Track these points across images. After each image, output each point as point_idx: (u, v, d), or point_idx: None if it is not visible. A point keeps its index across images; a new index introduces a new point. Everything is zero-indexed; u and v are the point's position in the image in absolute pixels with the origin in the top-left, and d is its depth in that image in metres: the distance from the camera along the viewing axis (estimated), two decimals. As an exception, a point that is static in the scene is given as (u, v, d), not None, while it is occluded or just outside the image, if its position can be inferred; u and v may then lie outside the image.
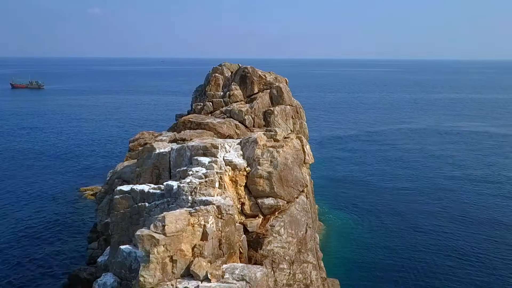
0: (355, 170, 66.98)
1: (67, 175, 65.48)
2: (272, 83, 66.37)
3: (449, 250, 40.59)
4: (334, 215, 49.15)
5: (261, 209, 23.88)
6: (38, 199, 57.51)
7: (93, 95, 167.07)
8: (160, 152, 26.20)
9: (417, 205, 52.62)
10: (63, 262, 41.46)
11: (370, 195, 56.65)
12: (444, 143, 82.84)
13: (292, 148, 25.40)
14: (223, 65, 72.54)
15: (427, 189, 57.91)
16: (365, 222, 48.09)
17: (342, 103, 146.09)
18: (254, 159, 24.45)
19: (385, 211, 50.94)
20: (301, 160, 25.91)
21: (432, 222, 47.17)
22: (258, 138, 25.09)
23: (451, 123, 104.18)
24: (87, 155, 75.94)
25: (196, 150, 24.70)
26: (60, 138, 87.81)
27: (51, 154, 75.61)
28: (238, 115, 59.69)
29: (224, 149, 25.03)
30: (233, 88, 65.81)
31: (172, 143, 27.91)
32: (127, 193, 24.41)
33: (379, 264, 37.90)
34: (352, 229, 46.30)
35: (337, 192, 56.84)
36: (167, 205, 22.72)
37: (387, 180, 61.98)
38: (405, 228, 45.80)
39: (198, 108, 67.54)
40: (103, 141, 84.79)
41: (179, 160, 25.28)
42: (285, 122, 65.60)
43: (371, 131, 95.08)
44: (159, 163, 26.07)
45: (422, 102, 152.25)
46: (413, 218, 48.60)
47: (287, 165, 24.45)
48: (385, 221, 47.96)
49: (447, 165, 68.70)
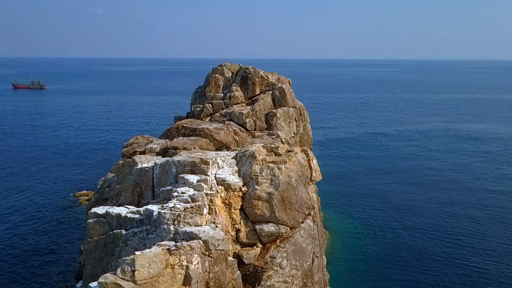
0: (360, 173, 62.85)
1: (64, 179, 61.55)
2: (275, 84, 62.05)
3: (461, 259, 36.61)
4: (340, 221, 44.94)
5: (259, 237, 19.71)
6: (31, 205, 53.63)
7: (95, 95, 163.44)
8: (143, 168, 22.05)
9: (426, 211, 48.55)
10: (52, 276, 37.50)
11: (376, 200, 52.59)
12: (453, 146, 78.54)
13: (297, 163, 21.12)
14: (224, 65, 68.22)
15: (436, 193, 53.94)
16: (372, 229, 44.14)
17: (346, 103, 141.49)
18: (251, 177, 20.25)
19: (392, 217, 46.92)
20: (307, 178, 21.64)
21: (442, 228, 43.18)
22: (257, 151, 20.82)
23: (460, 125, 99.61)
24: (86, 157, 72.06)
25: (183, 166, 20.55)
26: (60, 139, 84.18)
27: (48, 156, 71.86)
28: (238, 117, 55.45)
29: (216, 164, 20.82)
30: (233, 89, 61.54)
31: (157, 157, 23.70)
32: (101, 216, 20.28)
33: (387, 276, 33.95)
34: (358, 237, 42.38)
35: (342, 197, 52.71)
36: (146, 234, 18.55)
37: (394, 183, 57.94)
38: (414, 236, 41.88)
39: (197, 110, 63.32)
40: (104, 142, 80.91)
41: (163, 178, 21.16)
42: (288, 125, 61.30)
43: (377, 132, 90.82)
44: (141, 180, 21.96)
45: (428, 102, 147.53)
46: (421, 225, 44.65)
47: (291, 184, 20.22)
48: (393, 228, 44.06)
49: (456, 168, 64.54)
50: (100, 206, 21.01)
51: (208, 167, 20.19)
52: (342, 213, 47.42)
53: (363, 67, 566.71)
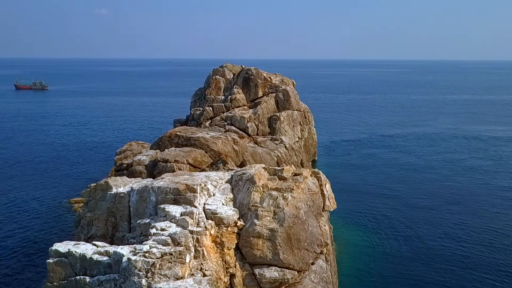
0: (368, 178, 58.24)
1: (59, 184, 57.12)
2: (278, 86, 57.69)
3: (472, 270, 32.21)
4: (347, 232, 40.20)
5: (259, 283, 15.35)
6: (23, 212, 49.27)
7: (97, 96, 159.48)
8: (118, 193, 17.68)
9: (438, 219, 43.99)
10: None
11: (385, 207, 47.99)
12: (463, 148, 73.74)
13: (306, 191, 16.64)
14: (225, 66, 63.80)
15: (447, 199, 49.43)
16: (382, 240, 39.59)
17: (351, 104, 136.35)
18: (249, 207, 15.87)
19: (403, 226, 42.40)
20: (319, 208, 17.15)
21: (456, 237, 38.64)
22: (256, 175, 16.40)
23: (469, 127, 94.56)
24: (85, 161, 67.66)
25: (164, 194, 16.20)
26: (58, 141, 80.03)
27: (46, 159, 67.62)
28: (240, 122, 51.11)
29: (206, 191, 16.45)
30: (235, 91, 57.22)
31: (136, 179, 19.24)
32: (64, 256, 16.01)
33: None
34: (368, 249, 37.87)
35: (349, 204, 48.10)
36: (114, 285, 14.27)
37: (403, 188, 53.39)
38: (429, 244, 37.46)
39: (197, 113, 58.97)
40: (105, 145, 76.40)
41: (141, 207, 16.83)
42: (292, 129, 56.84)
43: (384, 134, 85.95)
44: (115, 209, 17.63)
45: (436, 103, 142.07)
46: (433, 234, 40.12)
47: (299, 218, 15.79)
48: (404, 238, 39.68)
49: (466, 172, 59.90)
50: (64, 242, 16.74)
51: (195, 195, 15.85)
52: (350, 221, 42.84)
53: (368, 67, 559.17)
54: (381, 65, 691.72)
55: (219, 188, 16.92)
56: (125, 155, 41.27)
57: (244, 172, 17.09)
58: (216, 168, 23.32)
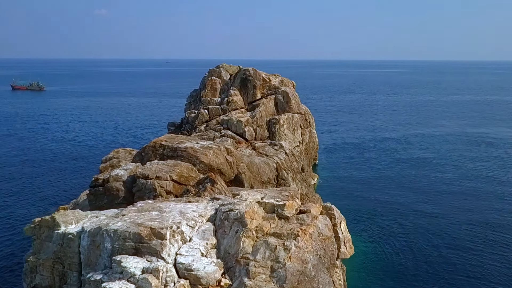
0: (372, 183, 53.63)
1: (48, 190, 52.45)
2: (278, 88, 53.07)
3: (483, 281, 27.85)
4: (354, 244, 35.70)
5: None
6: (7, 221, 44.81)
7: (94, 97, 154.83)
8: (66, 234, 13.06)
9: (446, 227, 39.71)
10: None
11: (390, 214, 43.45)
12: (471, 152, 69.25)
13: (316, 237, 11.89)
14: (221, 66, 59.06)
15: (455, 206, 45.19)
16: (389, 249, 35.16)
17: (353, 105, 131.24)
18: (237, 259, 11.28)
19: (409, 235, 38.08)
20: (332, 256, 12.44)
21: (465, 247, 34.46)
22: (248, 213, 11.76)
23: (476, 129, 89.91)
24: (77, 165, 62.90)
25: (122, 241, 11.59)
26: (52, 144, 75.35)
27: (38, 163, 62.99)
28: (236, 126, 46.50)
29: (180, 235, 11.81)
30: (232, 93, 52.61)
31: (92, 213, 14.52)
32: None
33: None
34: (375, 259, 33.45)
35: (354, 213, 43.50)
36: None
37: (409, 195, 48.83)
38: (433, 256, 33.22)
39: (192, 116, 54.35)
40: (100, 148, 71.74)
41: (93, 255, 12.24)
42: (293, 133, 52.20)
43: (388, 137, 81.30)
44: (63, 254, 13.04)
45: (440, 104, 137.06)
46: (441, 243, 35.97)
47: (306, 275, 11.15)
48: (410, 247, 35.37)
49: (475, 177, 55.52)
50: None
51: (163, 243, 11.27)
52: (351, 230, 38.19)
53: (369, 68, 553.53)
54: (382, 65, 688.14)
55: (197, 230, 12.32)
56: (110, 164, 36.52)
57: (231, 208, 12.42)
58: (203, 189, 18.81)
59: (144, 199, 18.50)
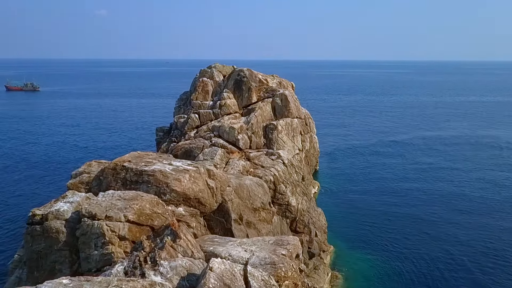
0: (374, 190, 49.36)
1: (36, 193, 47.46)
2: (276, 90, 48.00)
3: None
4: (352, 259, 31.16)
5: None
6: None
7: (90, 98, 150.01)
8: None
9: (453, 236, 35.77)
10: None
11: (394, 223, 39.40)
12: (478, 155, 64.73)
13: None
14: (214, 66, 53.91)
15: (463, 213, 40.99)
16: (391, 260, 31.24)
17: (355, 107, 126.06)
18: None
19: (413, 245, 34.25)
20: None
21: (472, 257, 30.30)
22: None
23: (483, 131, 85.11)
24: (69, 168, 57.66)
25: None
26: (40, 147, 70.75)
27: (25, 166, 58.20)
28: (229, 133, 41.43)
29: None
30: (225, 96, 47.64)
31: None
32: None
33: None
34: (376, 272, 29.28)
35: (354, 223, 39.11)
36: None
37: (414, 203, 44.84)
38: (447, 266, 28.96)
39: (181, 121, 49.29)
40: (93, 152, 67.05)
41: None
42: (292, 140, 47.22)
43: (391, 140, 76.69)
44: None
45: (444, 105, 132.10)
46: (447, 253, 32.03)
47: None
48: (414, 258, 31.50)
49: (483, 183, 51.20)
50: None
51: None
52: (355, 246, 33.71)
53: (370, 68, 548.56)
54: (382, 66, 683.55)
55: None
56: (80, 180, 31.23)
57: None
58: (160, 246, 13.21)
59: (91, 246, 13.54)
